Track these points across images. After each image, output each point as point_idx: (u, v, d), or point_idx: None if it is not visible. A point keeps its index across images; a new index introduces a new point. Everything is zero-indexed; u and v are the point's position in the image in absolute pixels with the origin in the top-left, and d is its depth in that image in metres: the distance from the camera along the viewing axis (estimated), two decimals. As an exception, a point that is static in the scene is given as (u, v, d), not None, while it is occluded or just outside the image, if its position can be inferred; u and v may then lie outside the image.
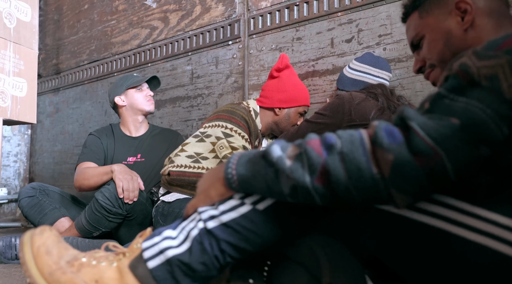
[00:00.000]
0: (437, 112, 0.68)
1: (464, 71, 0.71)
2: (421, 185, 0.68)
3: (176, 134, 2.58)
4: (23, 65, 2.65)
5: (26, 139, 4.24)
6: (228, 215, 0.86)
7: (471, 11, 0.96)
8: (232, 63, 2.68)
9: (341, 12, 2.22)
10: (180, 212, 1.92)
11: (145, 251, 0.88)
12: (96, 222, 2.03)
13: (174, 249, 0.86)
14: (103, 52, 3.55)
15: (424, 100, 0.74)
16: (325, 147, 0.73)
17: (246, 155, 0.86)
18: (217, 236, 0.85)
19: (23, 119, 2.65)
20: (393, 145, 0.67)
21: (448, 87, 0.71)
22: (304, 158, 0.75)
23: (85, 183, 2.23)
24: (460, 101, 0.68)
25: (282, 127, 2.18)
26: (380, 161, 0.68)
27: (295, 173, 0.75)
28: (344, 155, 0.71)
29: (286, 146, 0.80)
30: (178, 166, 1.97)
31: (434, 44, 1.03)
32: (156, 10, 3.16)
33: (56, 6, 4.09)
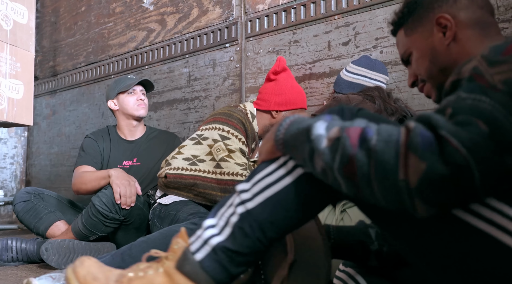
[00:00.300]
0: (462, 113, 0.66)
1: (479, 74, 0.70)
2: (447, 196, 0.65)
3: (174, 136, 2.57)
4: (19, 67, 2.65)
5: (23, 142, 4.23)
6: (265, 192, 0.88)
7: (451, 26, 0.96)
8: (229, 65, 2.68)
9: (338, 15, 2.22)
10: (177, 215, 1.90)
11: (191, 245, 0.90)
12: (93, 226, 2.02)
13: (217, 237, 0.88)
14: (100, 55, 3.55)
15: (443, 106, 0.71)
16: (361, 138, 0.71)
17: (298, 122, 0.87)
18: (256, 217, 0.86)
19: (20, 122, 2.65)
20: (428, 153, 0.64)
21: (467, 90, 0.70)
22: (339, 145, 0.73)
23: (83, 187, 2.23)
24: (484, 101, 0.66)
25: None
26: (410, 168, 0.65)
27: (326, 157, 0.75)
28: (373, 153, 0.68)
29: (332, 124, 0.78)
30: (175, 168, 1.96)
31: (420, 61, 1.03)
32: (153, 12, 3.17)
33: (53, 8, 4.09)
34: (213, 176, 1.91)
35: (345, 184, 0.75)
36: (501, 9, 1.77)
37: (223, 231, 0.88)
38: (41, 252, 1.93)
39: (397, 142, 0.67)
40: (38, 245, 2.10)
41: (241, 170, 1.88)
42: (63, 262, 1.95)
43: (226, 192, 1.89)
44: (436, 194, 0.65)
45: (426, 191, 0.65)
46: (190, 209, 1.90)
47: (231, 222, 0.88)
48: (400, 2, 2.00)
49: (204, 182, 1.92)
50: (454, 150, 0.62)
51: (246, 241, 0.87)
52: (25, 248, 2.10)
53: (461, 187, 0.64)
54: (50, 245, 1.94)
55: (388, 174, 0.67)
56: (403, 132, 0.67)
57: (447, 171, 0.63)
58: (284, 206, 0.87)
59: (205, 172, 1.94)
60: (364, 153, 0.69)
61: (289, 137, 0.86)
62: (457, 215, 0.73)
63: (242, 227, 0.86)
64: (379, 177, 0.68)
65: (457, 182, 0.63)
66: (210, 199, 1.94)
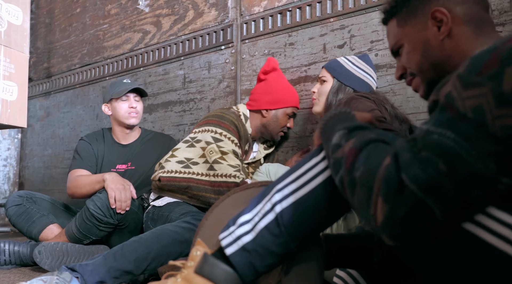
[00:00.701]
0: (427, 150, 0.68)
1: (450, 104, 0.70)
2: (409, 233, 0.70)
3: (169, 139, 2.56)
4: (13, 69, 2.63)
5: (16, 144, 4.20)
6: (299, 192, 0.90)
7: (447, 21, 0.93)
8: (224, 68, 2.67)
9: (334, 18, 2.22)
10: (169, 215, 1.91)
11: (222, 240, 0.92)
12: (87, 230, 2.01)
13: (249, 235, 0.90)
14: (95, 56, 3.53)
15: (417, 135, 0.73)
16: (352, 164, 0.77)
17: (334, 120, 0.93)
18: (290, 216, 0.89)
19: (14, 124, 2.63)
20: (390, 197, 0.69)
21: (436, 122, 0.70)
22: (341, 164, 0.81)
23: (78, 191, 2.23)
24: (448, 137, 0.67)
25: (271, 130, 2.17)
26: (378, 207, 0.70)
27: (335, 166, 0.83)
28: (357, 184, 0.75)
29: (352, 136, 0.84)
30: (168, 171, 1.97)
31: (412, 55, 1.00)
32: (148, 14, 3.16)
33: (47, 10, 4.07)
34: (207, 178, 1.92)
35: (341, 193, 0.83)
36: (495, 13, 1.78)
37: (254, 228, 0.91)
38: (34, 255, 1.92)
39: (374, 177, 0.72)
40: (31, 248, 2.08)
41: (234, 171, 1.89)
42: (56, 265, 1.93)
43: (219, 193, 1.89)
44: (399, 233, 0.70)
45: (389, 229, 0.70)
46: (182, 209, 1.91)
47: (264, 221, 0.91)
48: (395, 5, 2.01)
49: (197, 184, 1.92)
50: (411, 194, 0.66)
51: (278, 239, 0.89)
52: (18, 251, 2.08)
53: (423, 224, 0.68)
54: (43, 248, 1.92)
55: (363, 207, 0.74)
56: (382, 168, 0.72)
57: (407, 213, 0.67)
58: (314, 206, 0.90)
59: (199, 174, 1.94)
60: (352, 179, 0.76)
61: (324, 129, 0.94)
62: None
63: (279, 225, 0.89)
64: (358, 205, 0.75)
65: (417, 221, 0.68)
66: (204, 201, 1.94)
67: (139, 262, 1.58)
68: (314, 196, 0.89)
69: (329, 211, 0.91)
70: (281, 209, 0.89)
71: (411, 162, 0.68)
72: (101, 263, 1.55)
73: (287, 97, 2.17)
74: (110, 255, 1.58)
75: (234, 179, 1.88)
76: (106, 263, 1.55)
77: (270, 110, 2.17)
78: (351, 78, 1.87)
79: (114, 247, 1.63)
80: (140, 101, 2.49)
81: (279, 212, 0.89)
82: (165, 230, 1.70)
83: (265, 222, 0.90)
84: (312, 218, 0.90)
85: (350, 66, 1.90)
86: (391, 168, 0.70)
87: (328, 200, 0.89)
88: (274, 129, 2.18)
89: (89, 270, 1.52)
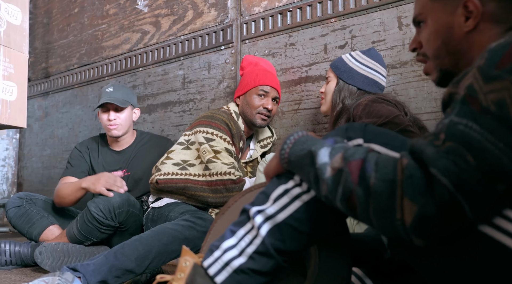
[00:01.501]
0: (453, 141, 0.67)
1: (472, 96, 0.69)
2: (441, 230, 0.69)
3: (166, 140, 2.55)
4: (13, 69, 2.62)
5: (15, 144, 4.18)
6: (288, 209, 0.89)
7: (477, 15, 0.88)
8: (224, 68, 2.67)
9: (335, 18, 2.23)
10: (168, 215, 1.93)
11: (209, 268, 0.90)
12: (88, 232, 2.00)
13: (238, 259, 0.89)
14: (94, 56, 3.52)
15: (439, 129, 0.71)
16: (361, 174, 0.74)
17: (301, 143, 0.89)
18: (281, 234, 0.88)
19: (13, 124, 2.62)
20: (418, 196, 0.67)
21: (459, 113, 0.70)
22: (342, 178, 0.77)
23: (63, 202, 2.25)
24: (474, 130, 0.66)
25: (247, 115, 2.16)
26: (404, 209, 0.69)
27: (330, 187, 0.79)
28: (372, 192, 0.72)
29: (336, 150, 0.81)
30: (165, 173, 1.99)
31: (432, 37, 0.96)
32: (147, 14, 3.15)
33: (45, 10, 4.06)
34: (203, 178, 1.95)
35: (347, 212, 0.79)
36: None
37: (244, 252, 0.89)
38: (35, 255, 1.91)
39: (393, 182, 0.70)
40: (32, 248, 2.07)
41: (229, 168, 1.91)
42: (57, 265, 1.93)
43: (217, 192, 1.93)
44: (430, 230, 0.69)
45: (420, 229, 0.69)
46: (181, 208, 1.93)
47: (255, 243, 0.89)
48: (396, 6, 2.02)
49: (195, 184, 1.95)
50: (444, 189, 0.65)
51: (270, 261, 0.88)
52: (18, 251, 2.07)
53: (453, 221, 0.68)
54: (44, 248, 1.92)
55: (385, 213, 0.71)
56: (399, 169, 0.71)
57: (438, 211, 0.67)
58: (305, 222, 0.88)
59: (195, 175, 1.97)
60: (363, 190, 0.73)
61: (294, 158, 0.89)
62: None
63: (267, 247, 0.88)
64: (377, 214, 0.73)
65: (448, 217, 0.67)
66: (202, 200, 1.97)
67: (140, 260, 1.58)
68: (305, 212, 0.88)
69: (312, 229, 0.90)
70: (266, 233, 0.88)
71: (437, 154, 0.67)
72: (102, 262, 1.55)
73: (252, 79, 2.17)
74: (111, 254, 1.58)
75: (229, 176, 1.90)
76: (108, 262, 1.55)
77: (241, 97, 2.20)
78: (354, 77, 1.80)
79: (115, 246, 1.63)
80: (124, 111, 2.40)
81: (265, 236, 0.88)
82: (165, 228, 1.71)
83: (253, 247, 0.89)
84: (299, 238, 0.89)
85: (353, 63, 1.83)
86: (413, 166, 0.69)
87: (314, 219, 0.89)
88: (248, 113, 2.16)
89: (91, 269, 1.52)
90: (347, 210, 0.78)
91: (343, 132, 0.94)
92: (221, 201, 1.93)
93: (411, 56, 1.99)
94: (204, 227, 1.76)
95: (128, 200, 2.04)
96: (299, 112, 2.32)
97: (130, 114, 2.45)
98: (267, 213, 0.89)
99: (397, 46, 2.02)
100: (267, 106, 2.13)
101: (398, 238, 0.73)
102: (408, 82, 1.98)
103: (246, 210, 0.93)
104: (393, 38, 2.04)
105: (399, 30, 2.03)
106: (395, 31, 2.04)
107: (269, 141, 2.34)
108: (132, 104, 2.45)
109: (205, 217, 1.81)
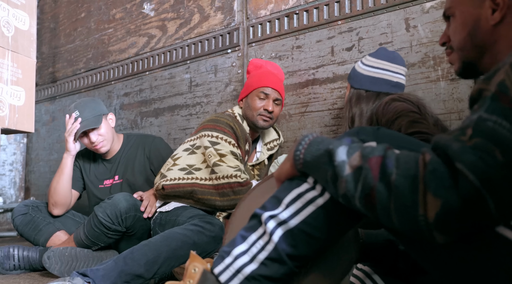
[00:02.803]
0: (482, 137, 0.66)
1: (504, 93, 0.68)
2: (464, 226, 0.67)
3: (151, 138, 2.47)
4: (21, 74, 2.63)
5: (22, 148, 4.20)
6: (302, 213, 0.88)
7: (503, 7, 0.88)
8: (231, 71, 2.67)
9: (341, 20, 2.22)
10: (177, 219, 1.91)
11: (220, 275, 0.89)
12: (95, 237, 2.00)
13: (250, 265, 0.88)
14: (100, 61, 3.53)
15: (465, 124, 0.71)
16: (382, 170, 0.73)
17: (317, 143, 0.87)
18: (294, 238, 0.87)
19: (21, 128, 2.63)
20: (441, 190, 0.66)
21: (489, 109, 0.68)
22: (361, 175, 0.76)
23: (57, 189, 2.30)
24: (504, 127, 0.65)
25: (249, 117, 2.15)
26: (427, 204, 0.67)
27: (349, 185, 0.77)
28: (393, 187, 0.71)
29: (354, 149, 0.80)
30: (171, 179, 1.98)
31: (459, 29, 0.96)
32: (154, 18, 3.16)
33: (52, 15, 4.08)
34: (210, 182, 1.94)
35: (365, 211, 0.78)
36: None
37: (256, 258, 0.88)
38: (43, 260, 1.91)
39: (415, 177, 0.69)
40: (40, 253, 2.08)
41: (235, 171, 1.90)
42: (65, 270, 1.93)
43: (224, 195, 1.91)
44: (453, 225, 0.67)
45: (443, 223, 0.67)
46: (189, 212, 1.92)
47: (267, 249, 0.88)
48: (403, 8, 2.01)
49: (201, 188, 1.94)
50: (469, 184, 0.64)
51: (282, 267, 0.87)
52: (27, 256, 2.08)
53: (477, 217, 0.66)
54: (52, 253, 1.92)
55: (408, 209, 0.70)
56: (421, 165, 0.69)
57: (462, 205, 0.65)
58: (318, 227, 0.87)
59: (202, 179, 1.96)
60: (384, 186, 0.72)
61: (310, 158, 0.87)
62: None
63: (279, 253, 0.87)
64: (399, 210, 0.71)
65: (472, 213, 0.66)
66: (209, 204, 1.95)
67: (149, 265, 1.58)
68: (318, 217, 0.87)
69: (326, 234, 0.89)
70: (278, 239, 0.87)
71: (463, 149, 0.66)
72: (111, 267, 1.55)
73: (252, 82, 2.18)
74: (121, 259, 1.58)
75: (236, 179, 1.89)
76: (117, 267, 1.55)
77: (243, 100, 2.21)
78: (361, 80, 1.78)
79: (124, 251, 1.63)
80: (101, 127, 2.31)
81: (277, 242, 0.87)
82: (174, 233, 1.70)
83: (265, 253, 0.88)
84: (312, 243, 0.88)
85: (360, 68, 1.81)
86: (436, 161, 0.68)
87: (327, 224, 0.88)
88: (250, 115, 2.16)
89: (100, 275, 1.52)
90: (365, 207, 0.77)
91: (354, 135, 0.93)
92: (229, 204, 1.91)
93: (418, 58, 1.98)
94: (212, 232, 1.75)
95: (135, 205, 2.04)
96: (306, 115, 2.31)
97: (107, 124, 2.37)
98: (280, 218, 0.88)
99: (405, 48, 2.01)
100: (267, 108, 2.12)
101: (419, 234, 0.71)
102: (416, 84, 1.97)
103: (257, 215, 0.92)
104: (400, 40, 2.03)
105: (406, 32, 2.02)
106: (402, 33, 2.03)
107: (275, 143, 2.33)
108: (103, 114, 2.36)
109: (214, 221, 1.80)
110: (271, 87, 2.13)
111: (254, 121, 2.15)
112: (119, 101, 3.33)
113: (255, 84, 2.16)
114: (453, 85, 1.89)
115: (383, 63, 1.77)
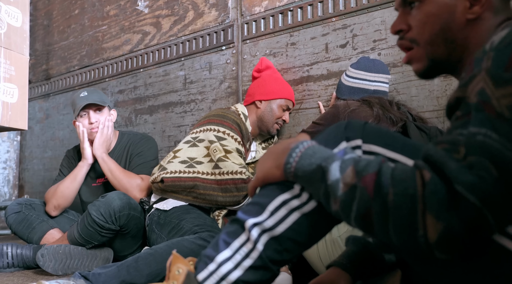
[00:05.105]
0: (475, 154, 0.64)
1: (486, 102, 0.66)
2: (465, 243, 0.66)
3: (139, 138, 2.47)
4: (14, 71, 2.62)
5: (16, 146, 4.18)
6: (287, 221, 0.87)
7: (484, 2, 0.82)
8: (225, 68, 2.67)
9: (336, 17, 2.22)
10: (180, 223, 1.85)
11: (204, 282, 0.88)
12: (89, 236, 1.99)
13: (234, 272, 0.87)
14: (94, 58, 3.52)
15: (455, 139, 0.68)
16: (376, 188, 0.70)
17: (309, 156, 0.83)
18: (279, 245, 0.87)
19: (14, 126, 2.62)
20: (444, 214, 0.64)
21: (476, 122, 0.66)
22: (356, 194, 0.73)
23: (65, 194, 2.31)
24: (494, 139, 0.63)
25: (266, 121, 2.17)
26: (428, 227, 0.65)
27: (344, 204, 0.75)
28: (391, 207, 0.68)
29: (347, 164, 0.76)
30: (172, 172, 1.94)
31: (430, 21, 0.86)
32: (148, 15, 3.15)
33: (45, 11, 4.05)
34: (213, 177, 1.90)
35: (361, 230, 0.76)
36: None
37: (240, 265, 0.87)
38: (37, 258, 1.91)
39: (413, 196, 0.66)
40: (34, 251, 2.07)
41: (240, 168, 1.88)
42: (59, 268, 1.92)
43: (226, 191, 1.88)
44: (456, 246, 0.66)
45: (445, 245, 0.65)
46: (194, 219, 1.86)
47: (252, 256, 0.87)
48: (398, 4, 2.00)
49: (204, 183, 1.90)
50: (470, 206, 0.62)
51: (267, 273, 0.88)
52: (20, 254, 2.06)
53: (479, 234, 0.65)
54: (46, 251, 1.91)
55: (407, 229, 0.67)
56: (419, 184, 0.66)
57: (465, 227, 0.63)
58: (303, 233, 0.87)
59: (204, 173, 1.92)
60: (381, 205, 0.69)
61: (301, 173, 0.83)
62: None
63: (264, 260, 0.86)
64: (397, 230, 0.69)
65: (474, 232, 0.64)
66: (210, 200, 1.92)
67: (151, 276, 1.56)
68: (302, 224, 0.86)
69: (310, 239, 0.90)
70: (263, 247, 0.86)
71: (460, 170, 0.64)
72: (113, 274, 1.53)
73: (280, 89, 2.19)
74: (124, 267, 1.55)
75: (240, 175, 1.87)
76: (119, 276, 1.53)
77: (263, 101, 2.19)
78: (342, 90, 1.92)
79: (128, 259, 1.60)
80: (103, 112, 2.35)
81: (262, 250, 0.86)
82: (181, 246, 1.64)
83: (250, 261, 0.87)
84: (296, 249, 0.89)
85: (344, 78, 1.93)
86: (435, 182, 0.65)
87: (312, 229, 0.87)
88: (269, 120, 2.17)
89: (102, 280, 1.50)
90: (362, 227, 0.74)
91: (342, 131, 0.91)
92: (231, 200, 1.88)
93: (413, 55, 1.98)
94: None
95: (129, 203, 2.02)
96: (301, 112, 2.31)
97: (109, 115, 2.38)
98: (265, 226, 0.86)
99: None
100: (286, 120, 2.23)
101: (419, 252, 0.69)
102: (410, 81, 1.98)
103: (240, 220, 0.89)
104: (394, 37, 2.02)
105: (400, 28, 2.02)
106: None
107: (270, 142, 2.33)
108: (109, 105, 2.40)
109: None
110: (293, 102, 2.26)
111: (269, 127, 2.20)
112: (113, 98, 3.31)
113: (282, 93, 2.19)
114: (447, 82, 1.89)
115: (360, 73, 1.88)
